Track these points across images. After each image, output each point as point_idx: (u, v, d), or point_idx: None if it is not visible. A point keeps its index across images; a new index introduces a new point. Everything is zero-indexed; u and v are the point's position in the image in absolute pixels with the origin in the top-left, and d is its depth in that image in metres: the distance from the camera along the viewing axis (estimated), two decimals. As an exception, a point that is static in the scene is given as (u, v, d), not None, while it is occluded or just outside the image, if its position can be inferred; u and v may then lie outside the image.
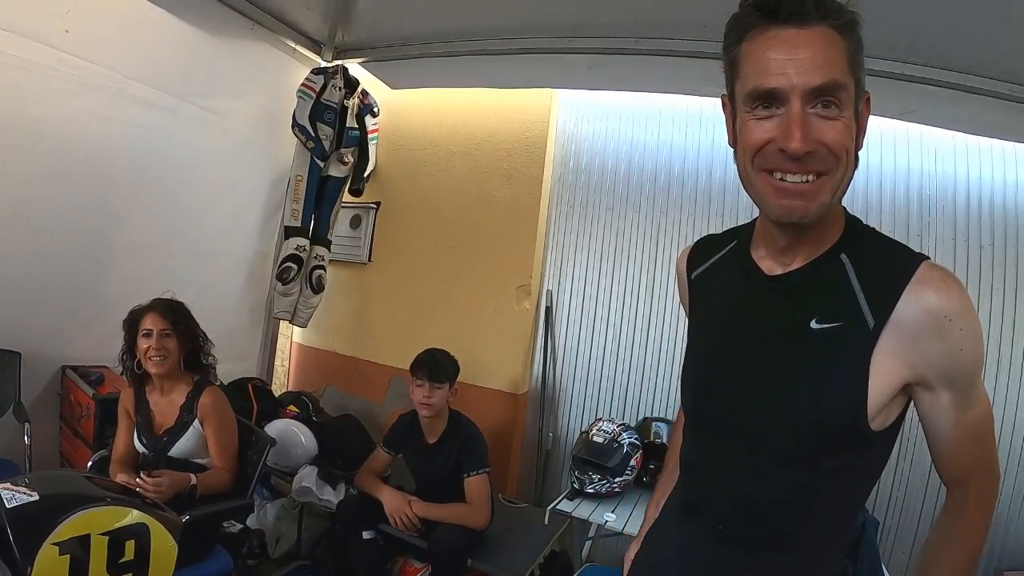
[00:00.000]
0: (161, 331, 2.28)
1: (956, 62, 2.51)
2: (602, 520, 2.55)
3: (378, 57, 3.56)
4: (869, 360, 0.87)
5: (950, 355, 0.86)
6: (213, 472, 2.27)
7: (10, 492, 1.43)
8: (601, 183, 3.48)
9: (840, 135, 0.83)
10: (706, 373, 1.05)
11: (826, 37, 0.83)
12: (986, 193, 2.83)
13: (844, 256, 0.92)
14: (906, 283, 0.86)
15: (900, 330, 0.86)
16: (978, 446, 0.95)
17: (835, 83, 0.82)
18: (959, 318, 0.85)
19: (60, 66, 2.55)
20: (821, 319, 0.90)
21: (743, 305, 1.01)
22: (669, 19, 2.78)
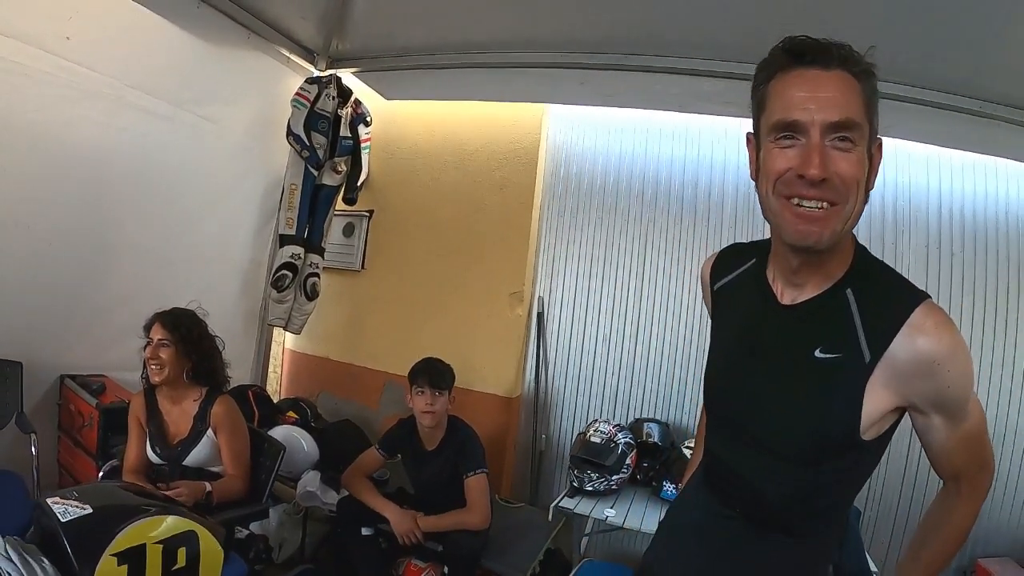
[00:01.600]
0: (159, 340, 2.29)
1: (930, 81, 2.67)
2: (602, 516, 2.67)
3: (372, 67, 3.61)
4: (864, 389, 0.97)
5: (939, 392, 0.97)
6: (227, 480, 2.30)
7: (62, 506, 1.47)
8: (591, 193, 3.61)
9: (852, 167, 0.93)
10: (723, 382, 1.20)
11: (845, 80, 0.93)
12: (956, 203, 3.03)
13: (849, 291, 1.01)
14: (901, 324, 0.95)
15: (894, 367, 0.96)
16: (969, 451, 1.06)
17: (851, 121, 0.92)
18: (948, 362, 0.95)
19: (60, 72, 2.56)
20: (824, 349, 1.01)
21: (758, 327, 1.13)
22: (658, 38, 2.89)
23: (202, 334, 2.39)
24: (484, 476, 2.66)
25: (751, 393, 1.11)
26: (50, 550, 1.44)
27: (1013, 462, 2.96)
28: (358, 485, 2.72)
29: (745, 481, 1.14)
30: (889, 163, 3.02)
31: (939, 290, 3.03)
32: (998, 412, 2.96)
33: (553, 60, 3.13)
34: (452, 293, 3.74)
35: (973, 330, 2.99)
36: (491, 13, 3.06)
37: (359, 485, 2.72)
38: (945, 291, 3.02)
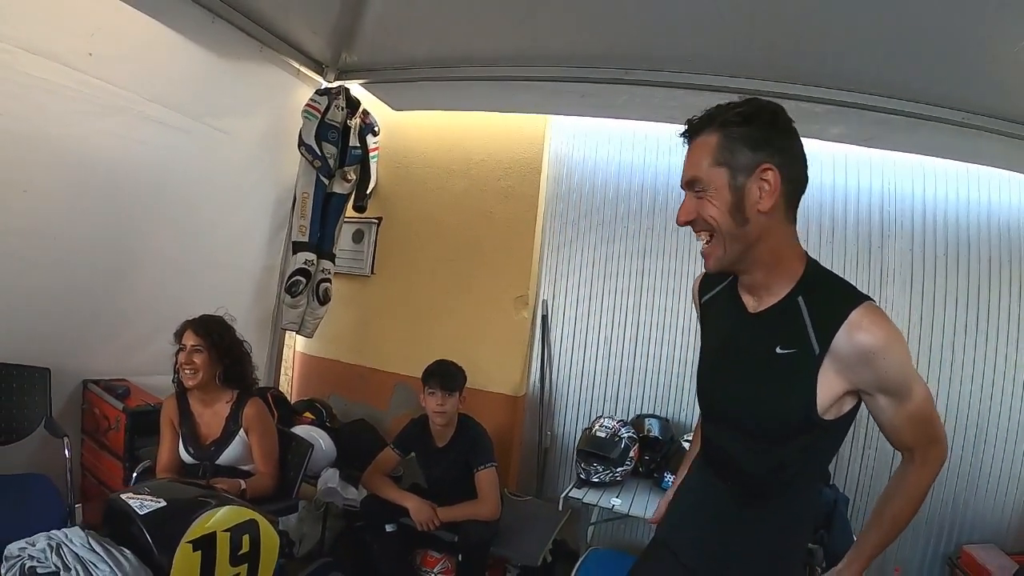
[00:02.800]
0: (192, 347, 2.40)
1: (913, 93, 2.81)
2: (609, 504, 2.83)
3: (379, 79, 3.72)
4: (816, 376, 1.17)
5: (878, 377, 1.16)
6: (258, 477, 2.43)
7: (137, 500, 1.60)
8: (592, 201, 3.74)
9: (708, 207, 1.20)
10: (709, 380, 1.42)
11: (701, 144, 1.21)
12: (940, 209, 3.18)
13: (800, 299, 1.22)
14: (842, 321, 1.14)
15: (839, 358, 1.16)
16: (917, 426, 1.23)
17: (695, 178, 1.21)
18: (883, 352, 1.13)
19: (83, 88, 2.63)
20: (783, 346, 1.22)
21: (733, 333, 1.35)
22: (657, 53, 3.02)
23: (232, 339, 2.50)
24: (494, 469, 2.79)
25: (729, 387, 1.34)
26: (124, 541, 1.57)
27: (995, 455, 3.11)
28: (378, 482, 2.84)
29: (731, 458, 1.36)
30: (875, 171, 3.25)
31: (923, 292, 3.18)
32: (980, 408, 3.11)
33: (555, 74, 3.25)
34: (459, 297, 3.86)
35: (956, 329, 3.14)
36: (495, 28, 3.17)
37: (379, 482, 2.84)
38: (929, 293, 3.17)
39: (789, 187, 1.20)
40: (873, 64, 2.72)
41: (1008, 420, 3.09)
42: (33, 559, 1.53)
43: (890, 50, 2.61)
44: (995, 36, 2.40)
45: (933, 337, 3.17)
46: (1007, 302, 3.11)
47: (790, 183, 1.20)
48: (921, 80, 2.74)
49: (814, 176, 3.28)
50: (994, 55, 2.49)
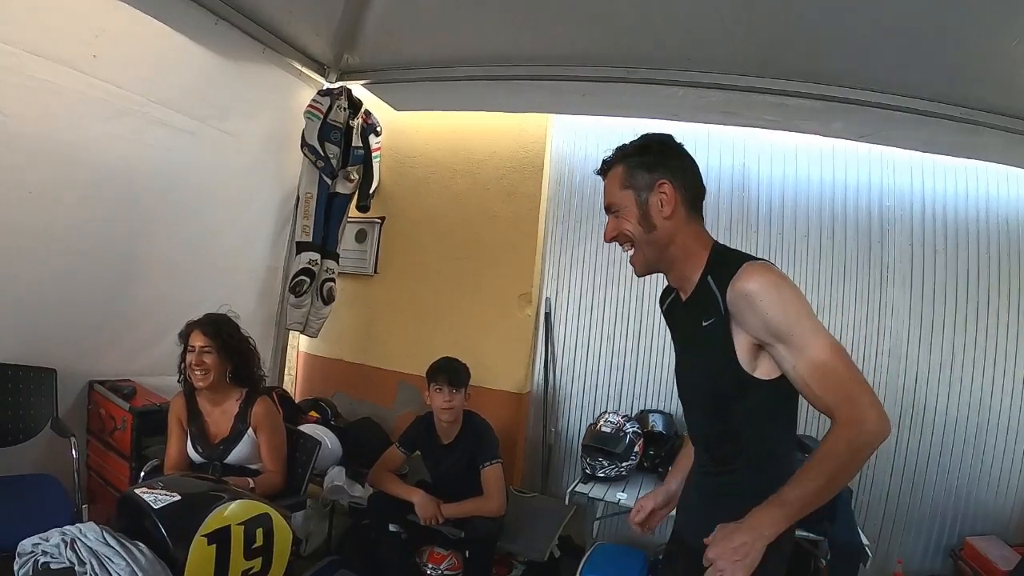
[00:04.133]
0: (202, 348, 2.41)
1: (912, 89, 2.83)
2: (615, 499, 2.85)
3: (381, 80, 3.74)
4: (731, 333, 1.32)
5: (762, 319, 1.26)
6: (267, 475, 2.44)
7: (151, 495, 1.61)
8: (595, 199, 3.71)
9: (623, 224, 1.44)
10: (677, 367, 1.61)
11: (612, 176, 1.46)
12: (939, 204, 3.20)
13: (709, 278, 1.38)
14: (730, 280, 1.30)
15: (733, 310, 1.30)
16: (827, 382, 1.24)
17: (610, 203, 1.47)
18: (758, 292, 1.26)
19: (89, 91, 2.64)
20: (705, 319, 1.37)
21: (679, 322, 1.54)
22: (657, 52, 3.04)
23: (240, 337, 2.52)
24: (499, 466, 2.81)
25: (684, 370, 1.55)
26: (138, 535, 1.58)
27: (997, 447, 3.13)
28: (384, 479, 2.87)
29: (699, 433, 1.54)
30: (874, 166, 3.28)
31: (923, 286, 3.20)
32: (982, 400, 3.13)
33: (557, 73, 3.27)
34: (462, 295, 3.88)
35: (957, 321, 3.16)
36: (496, 28, 3.19)
37: (385, 479, 2.87)
38: (929, 287, 3.20)
39: (685, 194, 1.42)
40: (872, 60, 2.74)
41: (1010, 412, 3.11)
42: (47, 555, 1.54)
43: (889, 46, 2.64)
44: (994, 32, 2.42)
45: (934, 332, 3.19)
46: (1007, 296, 3.13)
47: (685, 190, 1.42)
48: (920, 76, 2.77)
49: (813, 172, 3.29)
50: (993, 51, 2.51)
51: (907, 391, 3.21)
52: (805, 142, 3.37)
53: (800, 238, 3.37)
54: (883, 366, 3.24)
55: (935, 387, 3.19)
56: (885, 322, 3.25)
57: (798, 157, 3.42)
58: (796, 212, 3.40)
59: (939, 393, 3.18)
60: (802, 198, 3.40)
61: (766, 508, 1.24)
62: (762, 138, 3.44)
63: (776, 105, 3.05)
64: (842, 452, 1.21)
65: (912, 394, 3.21)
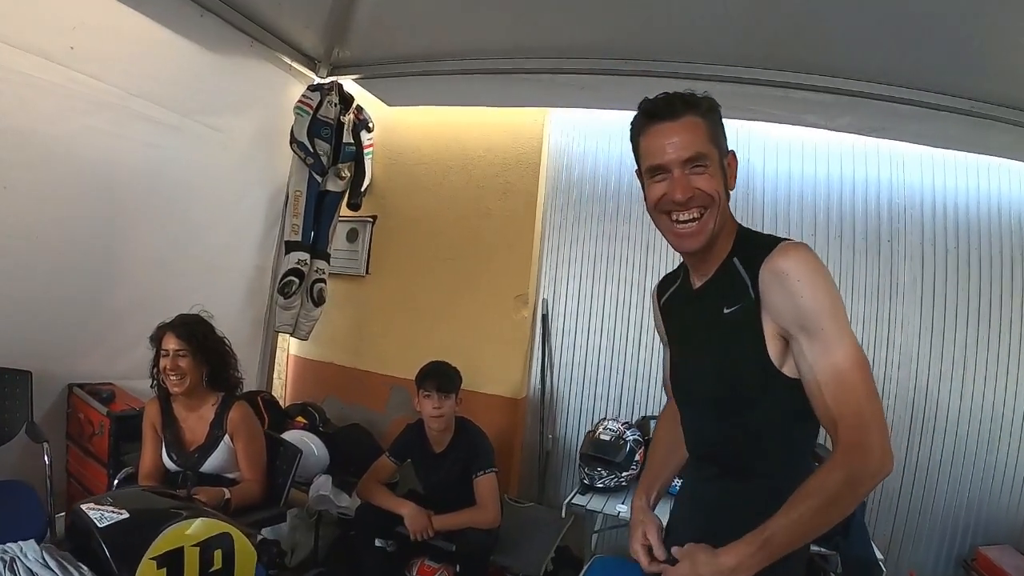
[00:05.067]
0: (176, 351, 2.29)
1: (922, 82, 2.73)
2: (615, 511, 2.72)
3: (373, 74, 3.64)
4: (761, 322, 1.18)
5: (792, 300, 1.13)
6: (244, 485, 2.32)
7: (97, 511, 1.48)
8: (593, 195, 3.66)
9: (710, 182, 1.23)
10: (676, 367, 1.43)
11: (690, 123, 1.23)
12: (950, 201, 3.10)
13: (735, 259, 1.26)
14: (763, 260, 1.17)
15: (763, 292, 1.17)
16: (840, 392, 1.09)
17: (699, 153, 1.22)
18: (795, 272, 1.13)
19: (67, 83, 2.57)
20: (728, 306, 1.24)
21: (687, 314, 1.39)
22: (657, 44, 2.95)
23: (215, 338, 2.41)
24: (494, 475, 2.70)
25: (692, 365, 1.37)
26: (85, 556, 1.45)
27: (1010, 454, 3.02)
28: (373, 491, 2.75)
29: (707, 437, 1.35)
30: (883, 162, 3.17)
31: (934, 284, 3.10)
32: (994, 404, 3.03)
33: (553, 66, 3.17)
34: (457, 297, 3.78)
35: (968, 323, 3.06)
36: (491, 20, 3.10)
37: (373, 491, 2.75)
38: (941, 285, 3.09)
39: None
40: (880, 52, 2.65)
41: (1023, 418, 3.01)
42: (-16, 574, 1.42)
43: (897, 38, 2.55)
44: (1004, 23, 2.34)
45: (945, 333, 3.09)
46: (1021, 297, 3.03)
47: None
48: (929, 68, 2.68)
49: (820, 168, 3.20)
50: (1003, 42, 2.43)
51: (918, 395, 3.11)
52: (811, 137, 3.27)
53: (807, 237, 3.25)
54: (893, 369, 3.14)
55: (947, 391, 3.08)
56: (894, 324, 3.15)
57: (804, 153, 3.32)
58: (802, 210, 3.30)
59: (951, 397, 3.08)
60: (808, 196, 3.29)
61: (746, 545, 1.09)
62: (766, 133, 3.33)
63: (781, 98, 2.96)
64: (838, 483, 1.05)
65: (923, 398, 3.10)
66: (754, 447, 1.26)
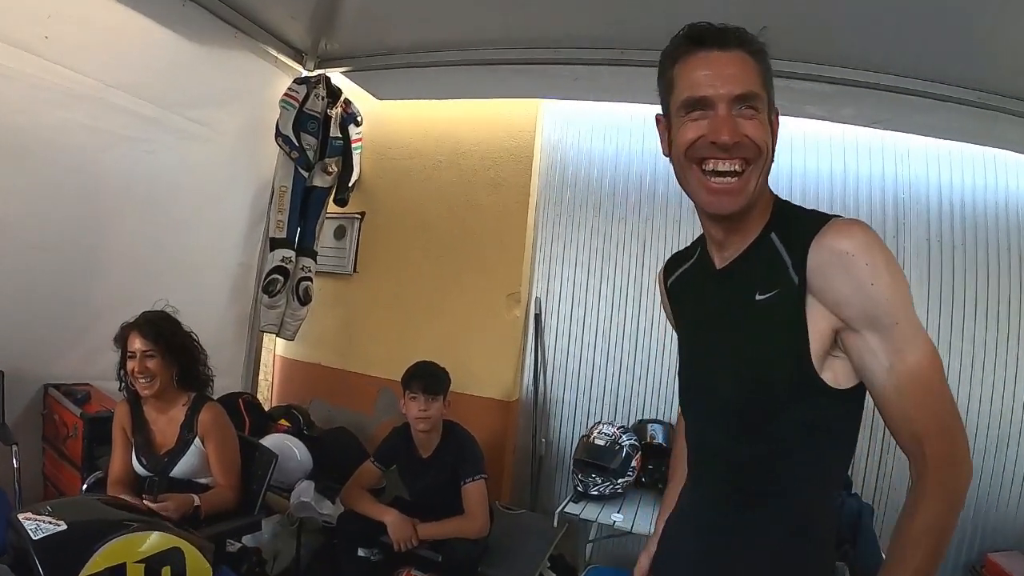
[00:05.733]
0: (143, 352, 2.19)
1: (927, 72, 2.65)
2: (610, 521, 2.63)
3: (361, 67, 3.55)
4: (804, 314, 0.98)
5: (861, 290, 0.93)
6: (217, 491, 2.22)
7: (34, 522, 1.37)
8: (588, 190, 3.57)
9: (760, 130, 1.01)
10: (687, 364, 1.24)
11: (743, 59, 1.03)
12: (956, 196, 3.02)
13: (773, 235, 1.06)
14: (813, 238, 0.97)
15: (816, 277, 0.97)
16: (924, 397, 0.93)
17: (753, 93, 1.01)
18: (862, 254, 0.93)
19: (42, 74, 2.47)
20: (763, 291, 1.04)
21: (705, 298, 1.18)
22: (653, 33, 2.80)
23: (182, 334, 2.31)
24: (483, 482, 2.60)
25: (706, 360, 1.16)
26: (23, 570, 1.34)
27: (1019, 457, 2.95)
28: (356, 498, 2.66)
29: (719, 450, 1.13)
30: (888, 156, 3.09)
31: (941, 283, 3.02)
32: (1003, 408, 2.95)
33: (546, 56, 3.08)
34: (447, 295, 3.70)
35: (976, 322, 2.98)
36: (481, 10, 3.01)
37: (357, 498, 2.66)
38: (948, 283, 3.01)
39: None
40: (884, 42, 2.56)
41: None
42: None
43: (902, 26, 2.46)
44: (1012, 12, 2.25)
45: (953, 333, 3.00)
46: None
47: None
48: (935, 58, 2.60)
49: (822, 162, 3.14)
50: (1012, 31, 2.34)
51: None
52: (813, 129, 3.18)
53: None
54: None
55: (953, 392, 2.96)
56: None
57: (806, 145, 3.22)
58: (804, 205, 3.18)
59: (957, 399, 2.92)
60: (811, 190, 3.20)
61: None
62: (767, 125, 3.24)
63: (782, 89, 2.75)
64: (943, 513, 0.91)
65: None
66: (775, 466, 1.05)
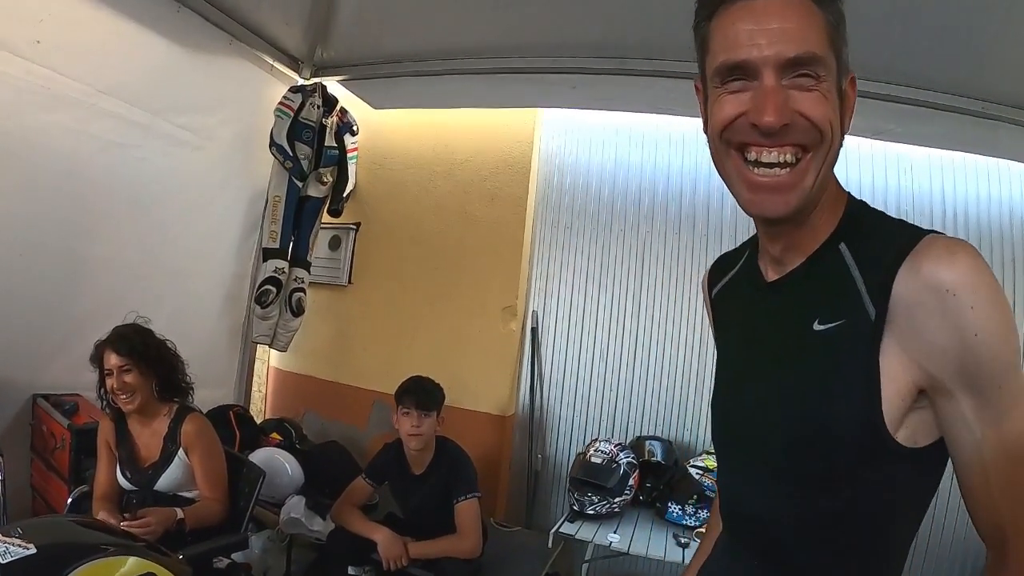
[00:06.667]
0: (120, 368, 2.15)
1: (931, 81, 2.62)
2: (606, 541, 2.57)
3: (358, 75, 3.53)
4: (877, 357, 0.74)
5: (962, 341, 0.70)
6: (202, 504, 2.17)
7: (2, 545, 1.31)
8: (586, 202, 3.53)
9: (821, 105, 0.75)
10: (724, 396, 0.99)
11: (801, 6, 0.76)
12: (960, 207, 2.98)
13: (843, 245, 0.81)
14: (904, 258, 0.72)
15: (901, 314, 0.73)
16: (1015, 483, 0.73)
17: (811, 56, 0.74)
18: (968, 293, 0.69)
19: (30, 77, 2.44)
20: (823, 319, 0.80)
21: (752, 318, 0.94)
22: (654, 40, 2.82)
23: (156, 343, 2.26)
24: (476, 501, 2.54)
25: (750, 399, 0.90)
26: (-9, 596, 1.29)
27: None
28: (346, 515, 2.60)
29: (757, 516, 0.90)
30: (890, 167, 3.04)
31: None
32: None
33: (544, 65, 3.06)
34: (442, 308, 3.65)
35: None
36: (479, 18, 3.01)
37: (347, 515, 2.60)
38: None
39: None
40: (885, 50, 2.51)
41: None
42: None
43: (903, 35, 2.43)
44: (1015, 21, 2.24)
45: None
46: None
47: None
48: (937, 68, 2.57)
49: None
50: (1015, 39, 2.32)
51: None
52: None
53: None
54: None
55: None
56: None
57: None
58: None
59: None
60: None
61: None
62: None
63: None
64: None
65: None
66: (828, 539, 0.83)
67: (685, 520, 2.75)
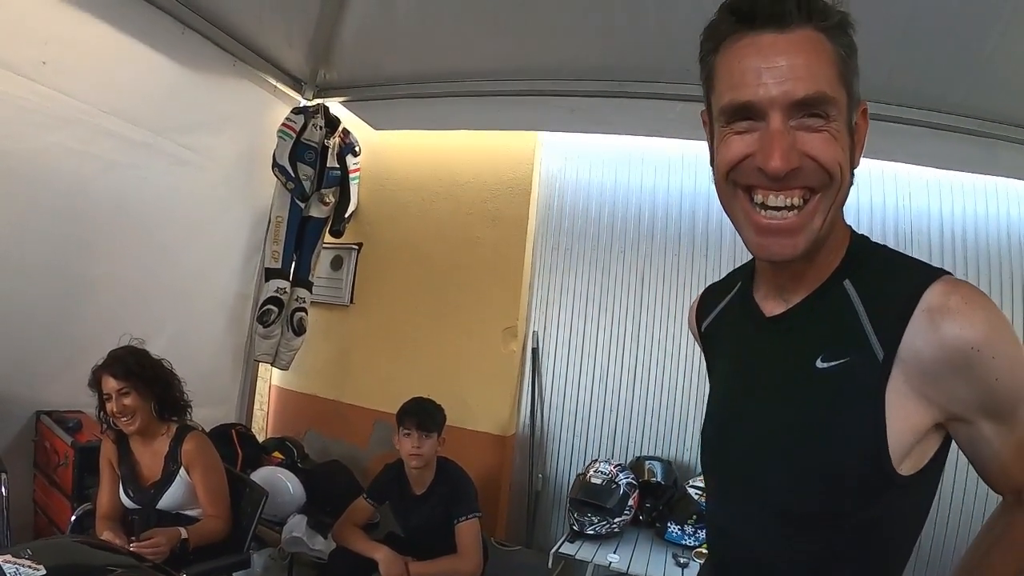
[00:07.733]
0: (118, 391, 2.16)
1: (926, 101, 2.64)
2: (606, 561, 2.57)
3: (360, 97, 3.58)
4: (884, 397, 0.75)
5: (986, 389, 0.74)
6: (205, 522, 2.17)
7: (13, 566, 1.31)
8: (587, 224, 3.54)
9: (830, 147, 0.74)
10: (720, 431, 0.97)
11: (810, 42, 0.74)
12: (959, 226, 2.98)
13: (847, 282, 0.82)
14: (915, 305, 0.74)
15: (916, 365, 0.74)
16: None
17: (821, 96, 0.73)
18: (988, 346, 0.72)
19: (35, 98, 2.47)
20: (827, 357, 0.80)
21: (749, 353, 0.93)
22: (651, 63, 2.86)
23: (152, 363, 2.27)
24: (476, 521, 2.54)
25: (750, 436, 0.88)
26: (0, 616, 1.29)
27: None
28: (347, 534, 2.60)
29: (752, 555, 0.89)
30: (888, 186, 3.05)
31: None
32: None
33: (543, 88, 3.10)
34: (443, 329, 3.66)
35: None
36: (480, 42, 3.06)
37: (348, 534, 2.60)
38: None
39: None
40: (881, 69, 2.53)
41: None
42: None
43: (899, 54, 2.45)
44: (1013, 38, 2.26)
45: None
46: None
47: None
48: (934, 87, 2.60)
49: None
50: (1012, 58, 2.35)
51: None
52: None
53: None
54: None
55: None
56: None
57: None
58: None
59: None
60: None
61: None
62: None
63: None
64: None
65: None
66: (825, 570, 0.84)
67: (684, 540, 2.74)
